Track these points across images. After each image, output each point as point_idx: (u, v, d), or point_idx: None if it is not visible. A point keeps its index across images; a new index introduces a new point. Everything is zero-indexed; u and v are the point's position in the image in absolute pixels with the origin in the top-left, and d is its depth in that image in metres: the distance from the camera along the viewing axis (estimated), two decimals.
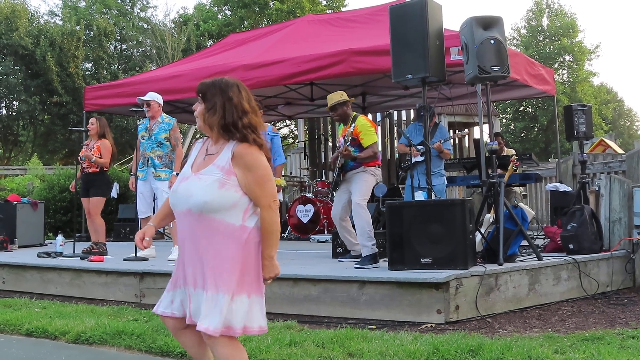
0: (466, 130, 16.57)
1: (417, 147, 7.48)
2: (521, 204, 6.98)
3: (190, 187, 3.00)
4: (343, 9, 29.77)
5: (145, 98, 7.65)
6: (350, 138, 6.50)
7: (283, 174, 13.05)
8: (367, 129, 6.55)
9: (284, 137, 30.21)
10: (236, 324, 2.90)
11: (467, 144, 19.08)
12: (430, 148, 7.83)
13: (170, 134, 7.58)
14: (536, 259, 5.93)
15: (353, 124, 6.57)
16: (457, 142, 18.76)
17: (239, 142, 3.00)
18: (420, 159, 7.53)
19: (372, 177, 6.57)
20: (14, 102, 26.97)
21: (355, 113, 6.76)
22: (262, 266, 2.99)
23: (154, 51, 26.54)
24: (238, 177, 2.96)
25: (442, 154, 7.98)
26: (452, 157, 8.77)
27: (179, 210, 3.04)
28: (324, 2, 30.95)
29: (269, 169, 3.01)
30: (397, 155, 8.40)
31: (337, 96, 6.72)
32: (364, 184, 6.49)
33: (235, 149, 2.98)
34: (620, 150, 14.10)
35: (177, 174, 7.50)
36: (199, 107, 3.11)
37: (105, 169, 8.25)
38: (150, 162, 7.59)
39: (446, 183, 8.25)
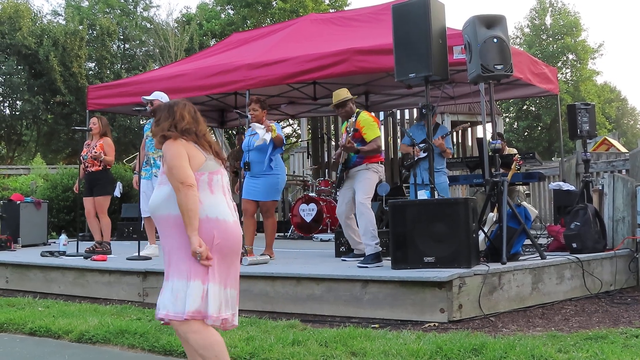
0: (468, 122, 16.53)
1: (419, 145, 7.48)
2: (524, 203, 6.97)
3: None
4: (346, 8, 29.72)
5: (150, 97, 7.65)
6: (352, 129, 6.51)
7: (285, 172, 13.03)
8: (370, 124, 6.58)
9: (287, 137, 30.19)
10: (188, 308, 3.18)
11: (470, 143, 19.05)
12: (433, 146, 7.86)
13: None
14: (539, 258, 5.92)
15: (357, 120, 6.59)
16: (459, 140, 18.72)
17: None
18: (422, 155, 7.53)
19: (375, 174, 6.57)
20: (17, 102, 26.99)
21: (357, 109, 6.78)
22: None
23: (157, 50, 26.54)
24: (166, 172, 3.32)
25: (444, 154, 7.97)
26: (453, 156, 8.76)
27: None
28: (327, 2, 30.89)
29: (179, 157, 3.25)
30: (400, 154, 8.38)
31: (343, 93, 6.75)
32: (367, 182, 6.50)
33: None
34: (623, 149, 14.05)
35: None
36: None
37: (108, 167, 8.26)
38: (153, 162, 7.60)
39: (448, 182, 8.24)
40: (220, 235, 3.25)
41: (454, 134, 17.22)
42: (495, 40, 6.00)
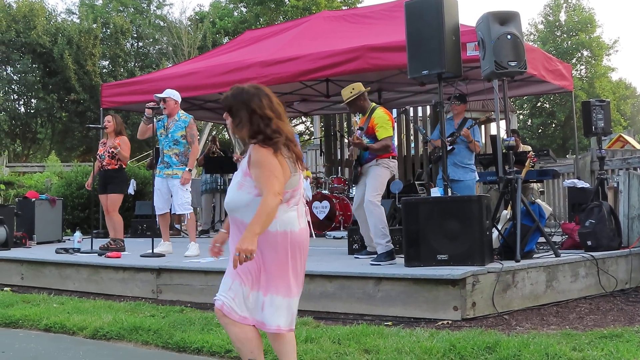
0: (490, 113, 16.42)
1: (447, 139, 7.45)
2: (538, 201, 6.93)
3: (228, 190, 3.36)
4: (358, 5, 29.67)
5: (161, 95, 7.67)
6: (365, 127, 6.47)
7: None
8: (384, 122, 6.49)
9: (300, 134, 30.21)
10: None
11: (484, 140, 18.96)
12: (457, 140, 7.82)
13: (186, 131, 7.59)
14: (554, 255, 5.88)
15: (371, 116, 6.54)
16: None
17: (254, 144, 3.18)
18: (448, 147, 7.49)
19: (386, 169, 6.51)
20: (32, 100, 27.22)
21: (374, 104, 6.71)
22: (242, 237, 3.07)
23: (170, 49, 26.65)
24: (253, 176, 3.15)
25: (471, 145, 7.88)
26: (482, 151, 8.58)
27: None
28: None
29: (277, 167, 3.13)
30: (429, 149, 8.30)
31: (347, 92, 6.65)
32: (378, 179, 6.44)
33: (250, 151, 3.18)
34: (639, 146, 13.95)
35: (190, 170, 7.52)
36: (228, 120, 3.35)
37: (124, 166, 8.31)
38: (167, 159, 7.62)
39: (477, 178, 8.16)
40: (291, 246, 3.23)
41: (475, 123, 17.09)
42: (509, 36, 5.96)
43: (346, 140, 13.96)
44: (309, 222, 3.40)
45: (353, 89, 6.63)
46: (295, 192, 3.27)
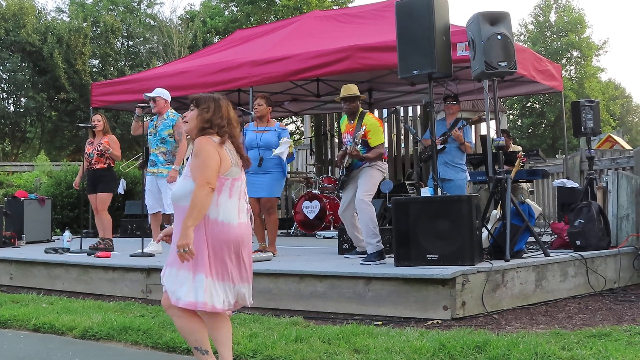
0: (482, 113, 16.47)
1: (439, 138, 7.50)
2: (528, 200, 6.96)
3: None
4: (349, 5, 29.66)
5: (151, 94, 7.65)
6: (360, 140, 6.48)
7: (289, 170, 13.03)
8: (376, 128, 6.53)
9: (291, 134, 30.20)
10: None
11: (474, 140, 19.01)
12: (448, 140, 7.86)
13: (174, 130, 7.58)
14: (543, 255, 5.91)
15: (361, 122, 6.53)
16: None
17: (200, 137, 3.48)
18: (439, 147, 7.53)
19: (379, 172, 6.56)
20: (22, 99, 27.02)
21: (362, 109, 6.74)
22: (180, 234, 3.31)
23: (161, 48, 26.53)
24: (191, 166, 3.41)
25: (462, 146, 7.93)
26: (474, 151, 8.62)
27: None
28: None
29: (212, 157, 3.36)
30: (419, 149, 8.30)
31: (354, 89, 6.69)
32: (370, 179, 6.48)
33: (193, 144, 3.49)
34: (628, 147, 14.02)
35: (177, 169, 7.50)
36: (186, 117, 3.64)
37: (112, 165, 8.28)
38: (153, 158, 7.61)
39: (469, 178, 8.20)
40: (222, 235, 3.40)
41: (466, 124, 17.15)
42: (499, 37, 5.98)
43: (337, 140, 13.97)
44: (251, 218, 3.60)
45: (357, 88, 6.72)
46: (235, 181, 3.45)
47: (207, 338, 3.55)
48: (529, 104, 40.02)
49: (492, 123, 7.26)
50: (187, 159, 4.11)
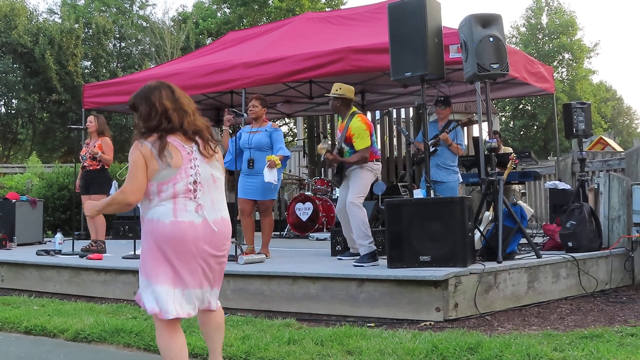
0: (472, 115, 16.52)
1: (430, 141, 7.51)
2: (520, 202, 6.98)
3: None
4: (342, 7, 29.71)
5: None
6: (343, 142, 6.47)
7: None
8: (361, 132, 6.42)
9: (284, 135, 30.18)
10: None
11: (466, 142, 19.06)
12: (440, 142, 7.88)
13: None
14: (535, 256, 5.93)
15: (348, 124, 6.51)
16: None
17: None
18: (431, 149, 7.53)
19: (369, 172, 6.52)
20: (13, 100, 26.91)
21: (354, 110, 6.66)
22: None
23: (153, 49, 26.45)
24: None
25: (451, 147, 7.94)
26: (465, 153, 8.64)
27: None
28: (323, 0, 30.86)
29: (135, 167, 3.24)
30: (412, 151, 8.32)
31: (343, 89, 6.60)
32: (360, 181, 6.44)
33: None
34: (619, 148, 14.10)
35: None
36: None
37: (106, 167, 8.26)
38: None
39: (461, 180, 8.20)
40: (154, 233, 3.26)
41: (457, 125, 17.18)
42: (491, 39, 6.00)
43: (330, 142, 13.97)
44: (223, 219, 3.39)
45: (339, 89, 6.60)
46: (163, 186, 3.24)
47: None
48: (521, 106, 40.14)
49: (485, 125, 7.27)
50: None
